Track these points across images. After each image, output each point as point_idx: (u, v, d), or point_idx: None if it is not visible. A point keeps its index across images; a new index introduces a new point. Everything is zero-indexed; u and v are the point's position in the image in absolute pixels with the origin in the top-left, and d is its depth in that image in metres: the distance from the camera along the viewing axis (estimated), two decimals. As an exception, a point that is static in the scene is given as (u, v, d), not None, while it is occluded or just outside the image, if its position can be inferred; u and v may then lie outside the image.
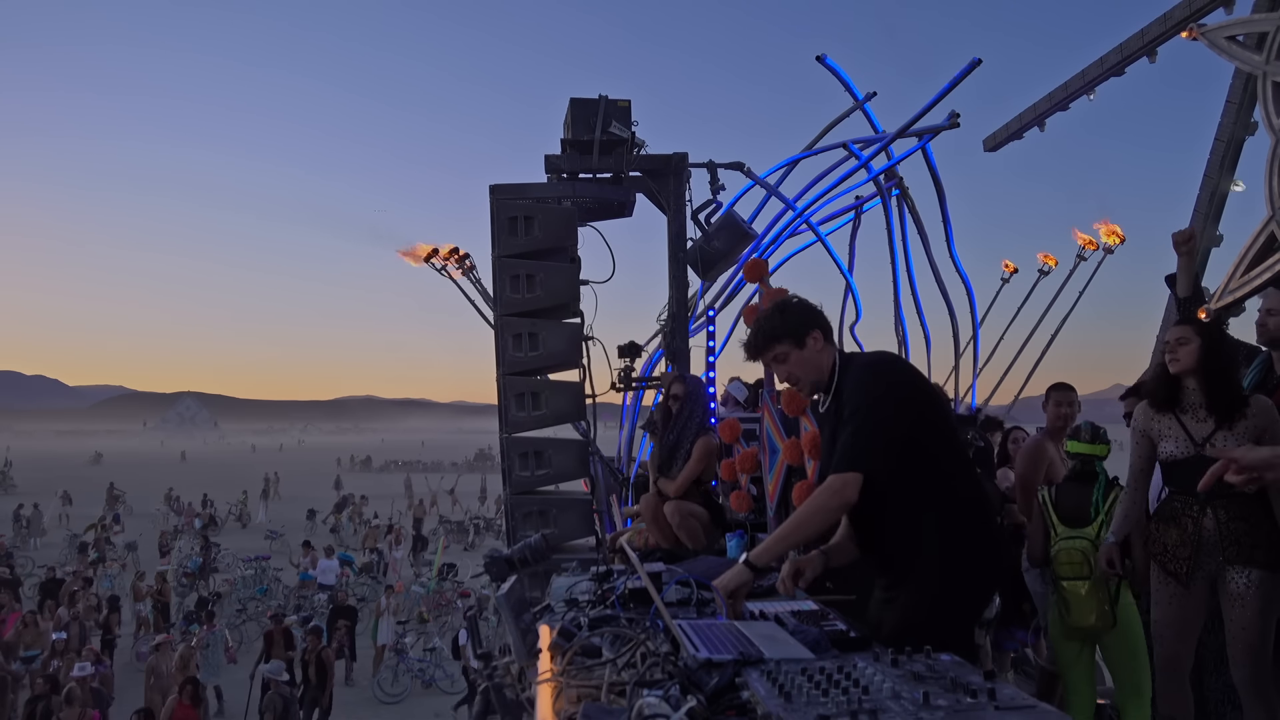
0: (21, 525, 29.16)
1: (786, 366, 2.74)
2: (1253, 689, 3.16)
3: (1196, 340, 3.24)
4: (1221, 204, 7.26)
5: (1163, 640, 3.42)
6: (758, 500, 4.61)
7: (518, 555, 3.30)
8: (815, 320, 2.73)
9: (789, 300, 2.89)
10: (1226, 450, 2.66)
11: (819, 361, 2.70)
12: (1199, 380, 3.25)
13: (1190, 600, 3.31)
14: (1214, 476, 2.09)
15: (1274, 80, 6.17)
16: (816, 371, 2.71)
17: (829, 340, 2.75)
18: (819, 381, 2.74)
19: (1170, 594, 3.34)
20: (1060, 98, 8.35)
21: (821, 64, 7.54)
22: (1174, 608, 3.34)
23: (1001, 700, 1.54)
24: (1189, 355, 3.24)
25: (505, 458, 6.03)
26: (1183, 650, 3.38)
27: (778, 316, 2.75)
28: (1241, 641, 3.17)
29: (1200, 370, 3.24)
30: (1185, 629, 3.35)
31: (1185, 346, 3.25)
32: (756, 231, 6.85)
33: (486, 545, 25.46)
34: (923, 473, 2.53)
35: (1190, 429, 3.27)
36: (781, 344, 2.71)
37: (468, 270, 6.67)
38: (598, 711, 1.74)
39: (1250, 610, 3.15)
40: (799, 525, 2.56)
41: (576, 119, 6.30)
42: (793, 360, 2.71)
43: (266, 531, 28.63)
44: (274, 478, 42.97)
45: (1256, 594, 3.15)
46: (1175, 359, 3.28)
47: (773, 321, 2.75)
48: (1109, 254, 8.10)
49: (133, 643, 15.55)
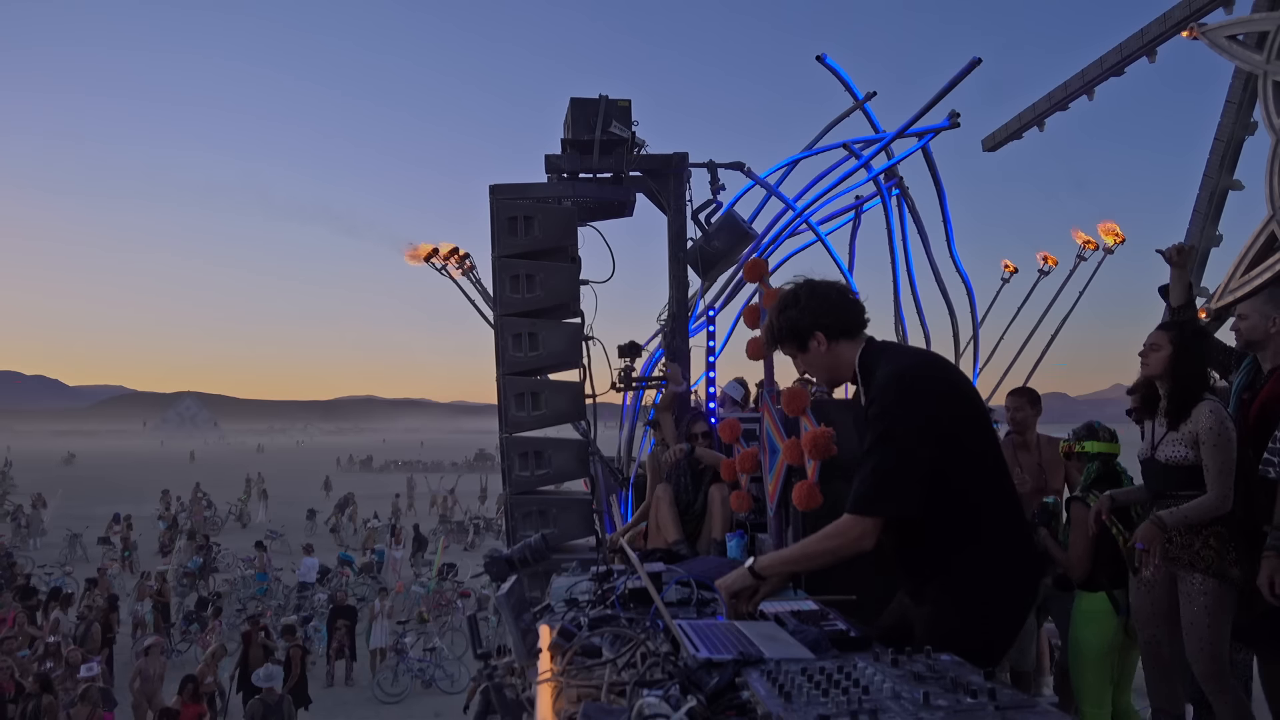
0: (21, 525, 29.17)
1: (798, 364, 2.62)
2: (1213, 684, 3.27)
3: (1169, 348, 3.38)
4: (1221, 204, 7.26)
5: (1139, 626, 3.62)
6: (758, 500, 4.61)
7: (518, 555, 3.30)
8: (817, 320, 2.49)
9: (796, 293, 2.57)
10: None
11: (829, 362, 2.51)
12: (1164, 386, 3.43)
13: (1156, 590, 3.49)
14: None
15: (1274, 80, 6.18)
16: (828, 371, 2.54)
17: (842, 336, 2.49)
18: (835, 380, 2.57)
19: (1139, 582, 3.55)
20: (1060, 97, 8.36)
21: (821, 64, 7.53)
22: (1140, 594, 3.57)
23: (1002, 700, 1.54)
24: (1158, 362, 3.42)
25: (505, 458, 6.03)
26: (1159, 635, 3.52)
27: (779, 316, 2.57)
28: (1193, 639, 3.29)
29: (1167, 376, 3.40)
30: (1156, 615, 3.51)
31: (1156, 353, 3.42)
32: (756, 231, 6.84)
33: (486, 545, 25.47)
34: (949, 510, 2.29)
35: (1154, 431, 3.48)
36: (787, 345, 2.57)
37: (468, 270, 6.67)
38: (598, 711, 1.73)
39: (1197, 608, 3.28)
40: (807, 557, 2.45)
41: (576, 119, 6.29)
42: (800, 361, 2.58)
43: (267, 531, 28.65)
44: (257, 478, 42.72)
45: (1202, 596, 3.28)
46: (1146, 364, 3.46)
47: (776, 321, 2.58)
48: (1109, 254, 8.11)
49: (132, 643, 15.56)
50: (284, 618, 15.27)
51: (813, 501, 3.60)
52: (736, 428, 4.90)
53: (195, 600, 17.90)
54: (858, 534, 2.29)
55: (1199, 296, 7.29)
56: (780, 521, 4.09)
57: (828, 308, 2.50)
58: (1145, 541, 3.31)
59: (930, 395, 2.33)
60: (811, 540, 2.43)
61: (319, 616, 15.71)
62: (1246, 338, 3.60)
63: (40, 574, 20.12)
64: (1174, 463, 3.33)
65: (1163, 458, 3.38)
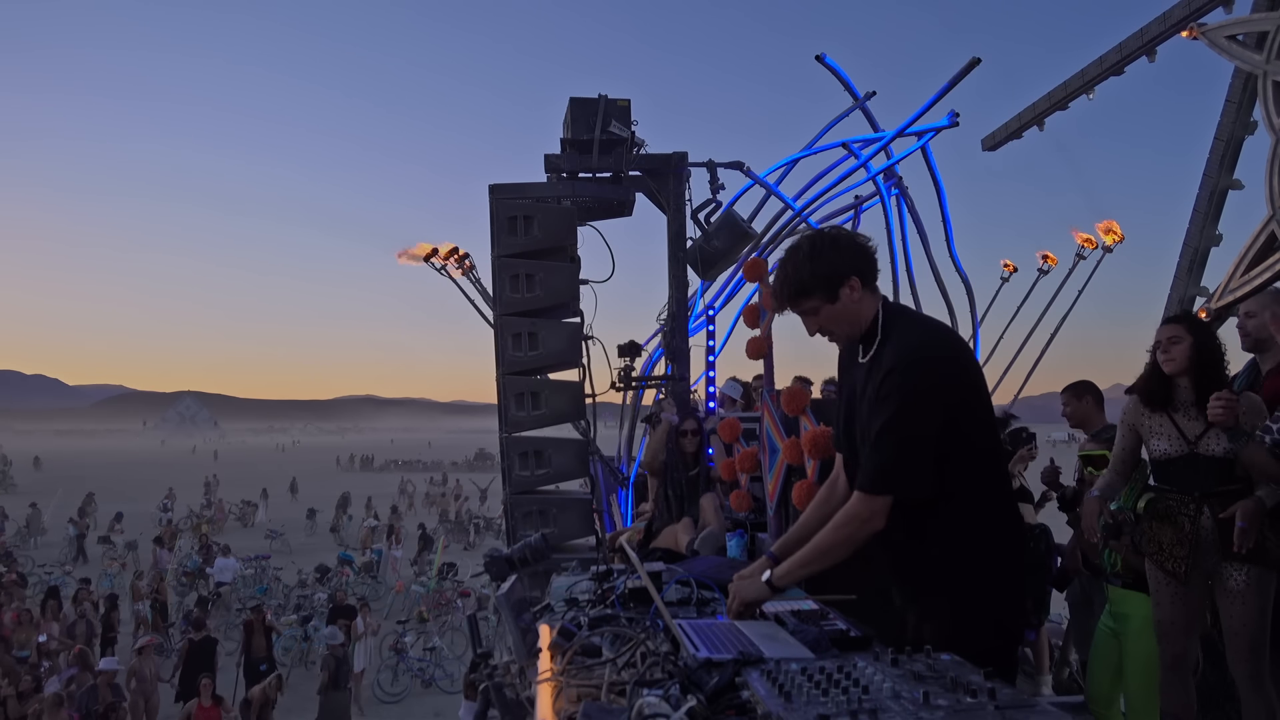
0: (21, 525, 29.18)
1: (818, 320, 2.38)
2: (1252, 684, 3.17)
3: (1189, 339, 3.25)
4: (1221, 204, 7.26)
5: (1167, 638, 3.41)
6: (758, 500, 4.61)
7: (518, 555, 3.30)
8: (853, 264, 2.32)
9: (824, 239, 2.39)
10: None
11: (856, 313, 2.34)
12: (1191, 379, 3.26)
13: (1190, 598, 3.32)
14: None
15: (1274, 79, 6.17)
16: (852, 324, 2.36)
17: (869, 286, 2.35)
18: (854, 334, 2.39)
19: (1172, 593, 3.33)
20: (1060, 97, 8.36)
21: (821, 63, 7.53)
22: (1176, 606, 3.33)
23: (1002, 700, 1.54)
24: (1182, 354, 3.25)
25: (505, 457, 6.03)
26: (1188, 648, 3.40)
27: (807, 265, 2.33)
28: (1242, 638, 3.17)
29: (1192, 369, 3.24)
30: (1189, 627, 3.36)
31: (1178, 345, 3.26)
32: (756, 231, 6.85)
33: (486, 545, 25.46)
34: (949, 505, 2.25)
35: (1183, 427, 3.28)
36: (811, 299, 2.34)
37: (467, 270, 6.67)
38: (598, 711, 1.73)
39: (1249, 606, 3.16)
40: (822, 555, 2.35)
41: (576, 118, 6.29)
42: (824, 315, 2.36)
43: (267, 531, 28.65)
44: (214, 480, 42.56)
45: (1254, 590, 3.16)
46: (1169, 358, 3.28)
47: (801, 272, 2.34)
48: (1108, 253, 8.11)
49: (131, 642, 15.54)
50: (284, 617, 15.29)
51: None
52: (736, 427, 4.91)
53: (195, 599, 17.89)
54: (869, 514, 2.23)
55: (1199, 296, 7.30)
56: (780, 521, 4.09)
57: (857, 253, 2.35)
58: (1247, 520, 3.06)
59: (947, 377, 2.25)
60: (823, 534, 2.35)
61: (319, 616, 15.71)
62: (1255, 336, 3.53)
63: (40, 574, 20.12)
64: (1222, 456, 3.18)
65: (1208, 452, 3.22)
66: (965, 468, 2.26)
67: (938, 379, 2.23)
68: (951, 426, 2.22)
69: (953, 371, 2.28)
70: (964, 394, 2.29)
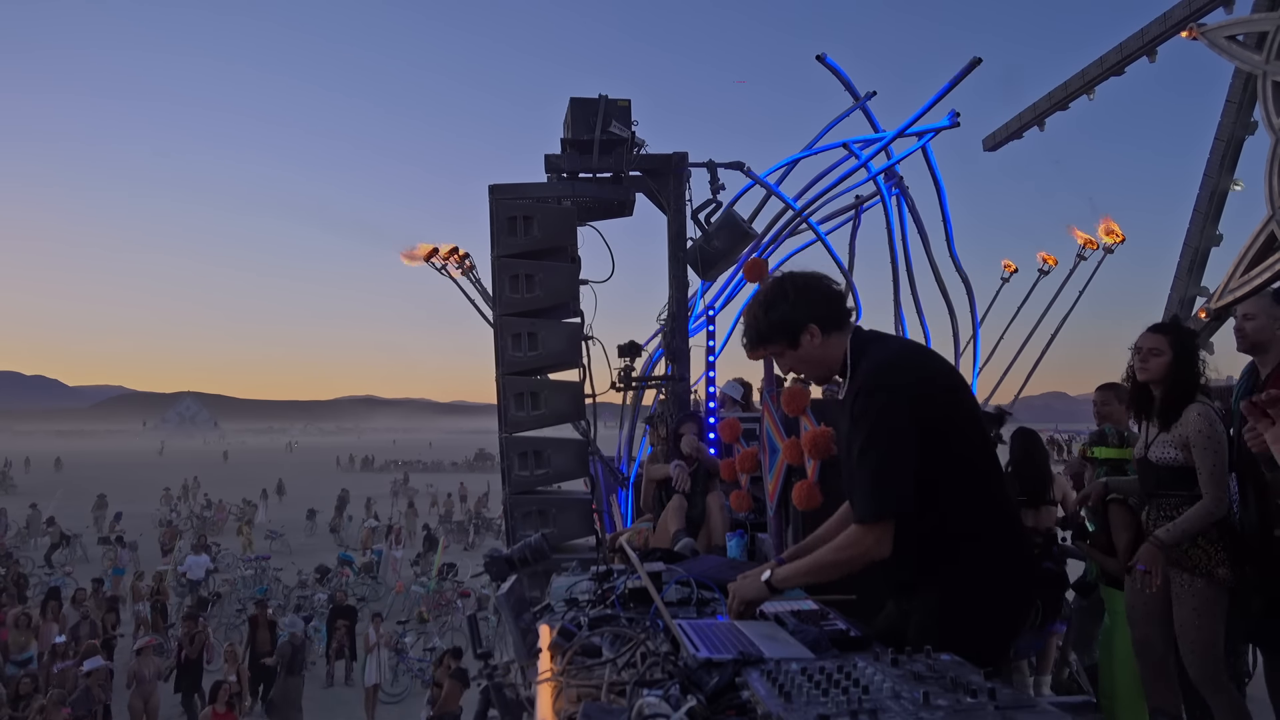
0: (21, 526, 29.17)
1: (785, 363, 2.51)
2: (1209, 685, 3.27)
3: (1169, 354, 3.35)
4: (1221, 204, 7.27)
5: (1132, 623, 3.61)
6: (758, 500, 4.61)
7: (518, 555, 3.30)
8: (811, 313, 2.40)
9: (782, 288, 2.46)
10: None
11: (820, 357, 2.42)
12: (1162, 389, 3.39)
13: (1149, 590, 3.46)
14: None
15: (1274, 79, 6.17)
16: (819, 366, 2.46)
17: (834, 329, 2.41)
18: (826, 374, 2.49)
19: (1132, 580, 3.49)
20: (1060, 97, 8.37)
21: (821, 63, 7.53)
22: (1134, 593, 3.53)
23: (1002, 700, 1.53)
24: (1159, 367, 3.37)
25: (505, 457, 6.03)
26: (1152, 635, 3.52)
27: (763, 315, 2.44)
28: (1186, 640, 3.29)
29: (1165, 380, 3.36)
30: (1150, 614, 3.50)
31: (1158, 359, 3.37)
32: (756, 231, 6.85)
33: (486, 545, 25.45)
34: (932, 513, 2.24)
35: (1147, 433, 3.47)
36: (772, 345, 2.46)
37: (467, 270, 6.67)
38: (598, 711, 1.73)
39: (1188, 609, 3.28)
40: (822, 569, 2.38)
41: (576, 119, 6.29)
42: (789, 358, 2.47)
43: (267, 531, 28.62)
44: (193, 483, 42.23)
45: (1192, 596, 3.27)
46: (1145, 368, 3.39)
47: (759, 322, 2.46)
48: (1109, 253, 8.11)
49: (131, 642, 15.53)
50: (284, 617, 15.25)
51: (813, 501, 3.60)
52: (736, 427, 4.91)
53: (194, 601, 17.88)
54: (870, 542, 2.24)
55: (1199, 296, 7.30)
56: (780, 521, 4.09)
57: (819, 299, 2.42)
58: (1146, 563, 3.27)
59: (914, 389, 2.26)
60: (826, 551, 2.39)
61: (319, 616, 15.69)
62: (1252, 339, 3.53)
63: (40, 574, 20.10)
64: (1164, 463, 3.34)
65: (1154, 458, 3.39)
66: (950, 474, 2.27)
67: (905, 394, 2.25)
68: (932, 438, 2.23)
69: (919, 383, 2.29)
70: (940, 405, 2.29)
